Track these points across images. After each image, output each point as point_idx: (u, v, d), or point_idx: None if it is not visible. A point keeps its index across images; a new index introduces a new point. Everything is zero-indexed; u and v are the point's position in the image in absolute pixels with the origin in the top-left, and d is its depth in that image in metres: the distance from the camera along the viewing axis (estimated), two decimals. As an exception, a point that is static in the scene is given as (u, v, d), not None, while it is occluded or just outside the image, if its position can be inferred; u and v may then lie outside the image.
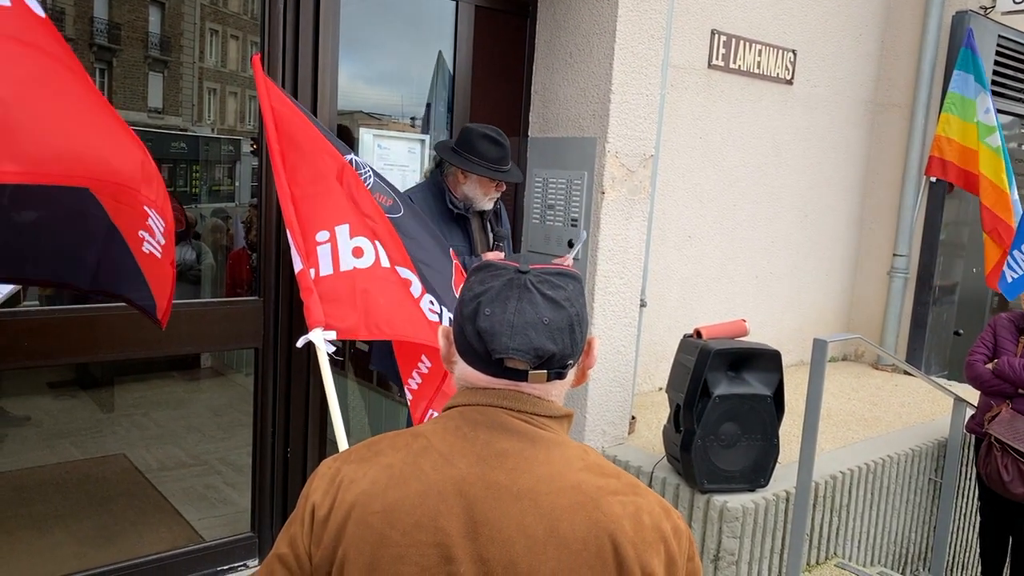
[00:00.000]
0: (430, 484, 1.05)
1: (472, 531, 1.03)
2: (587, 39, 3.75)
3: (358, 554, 1.04)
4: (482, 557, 1.02)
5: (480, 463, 1.06)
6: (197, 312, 3.12)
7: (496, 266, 1.12)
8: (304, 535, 1.09)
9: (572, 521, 1.03)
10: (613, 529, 1.04)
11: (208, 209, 7.09)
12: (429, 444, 1.09)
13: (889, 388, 5.62)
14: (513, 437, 1.08)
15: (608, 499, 1.06)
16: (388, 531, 1.03)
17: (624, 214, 3.82)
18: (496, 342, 1.06)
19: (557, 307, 1.08)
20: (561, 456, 1.09)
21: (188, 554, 3.15)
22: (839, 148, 5.91)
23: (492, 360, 1.08)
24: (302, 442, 3.30)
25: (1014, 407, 3.99)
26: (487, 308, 1.07)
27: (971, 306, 6.54)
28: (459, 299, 1.14)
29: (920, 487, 4.45)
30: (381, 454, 1.10)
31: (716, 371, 3.40)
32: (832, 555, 3.91)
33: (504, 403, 1.10)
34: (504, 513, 1.03)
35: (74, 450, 4.41)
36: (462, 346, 1.12)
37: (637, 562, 1.04)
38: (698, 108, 4.88)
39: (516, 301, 1.07)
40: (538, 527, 1.03)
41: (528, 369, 1.08)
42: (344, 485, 1.08)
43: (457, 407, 1.13)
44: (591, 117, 3.76)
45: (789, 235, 5.68)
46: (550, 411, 1.12)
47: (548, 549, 1.02)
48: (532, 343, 1.06)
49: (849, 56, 5.80)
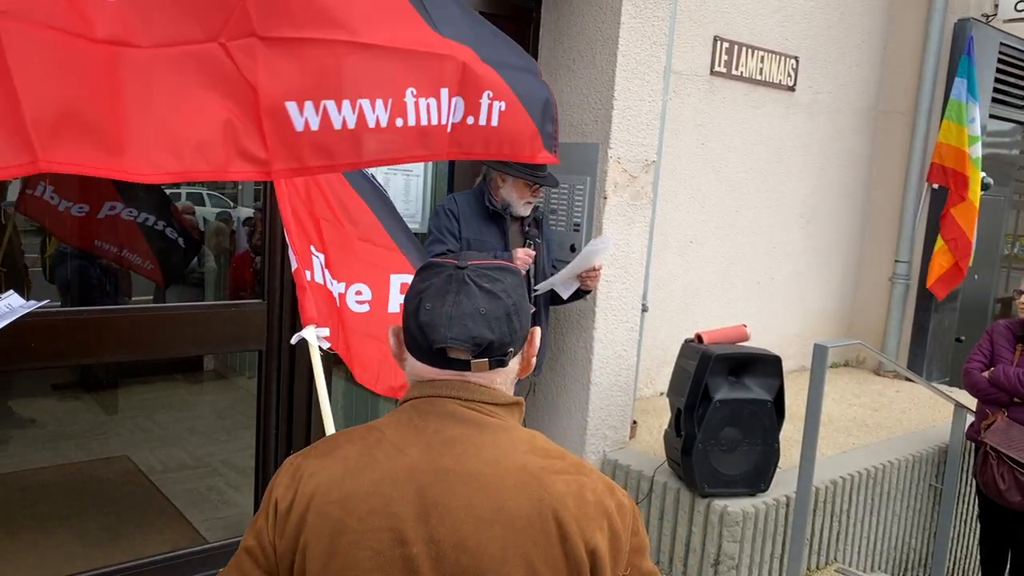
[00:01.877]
0: (383, 473, 1.11)
1: (423, 514, 1.08)
2: (590, 46, 3.77)
3: (317, 542, 1.09)
4: (433, 538, 1.08)
5: (429, 450, 1.12)
6: (201, 315, 3.14)
7: (437, 264, 1.19)
8: (268, 528, 1.14)
9: (517, 500, 1.09)
10: (556, 506, 1.10)
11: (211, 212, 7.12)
12: (383, 436, 1.15)
13: (890, 394, 5.62)
14: (461, 425, 1.14)
15: (552, 478, 1.12)
16: (345, 518, 1.09)
17: (626, 219, 3.84)
18: (436, 333, 1.13)
19: (494, 298, 1.15)
20: (507, 440, 1.15)
21: (191, 555, 3.17)
22: (841, 154, 5.93)
23: (434, 351, 1.14)
24: (305, 445, 3.31)
25: (1010, 415, 3.99)
26: (427, 303, 1.14)
27: (973, 312, 6.55)
28: (405, 299, 1.20)
29: (921, 493, 4.46)
30: (339, 447, 1.16)
31: (717, 376, 3.41)
32: (832, 560, 3.92)
33: (452, 393, 1.16)
34: (453, 496, 1.09)
35: (78, 451, 4.43)
36: (409, 342, 1.19)
37: (580, 536, 1.09)
38: (700, 114, 4.91)
39: (454, 295, 1.14)
40: (485, 507, 1.09)
41: (469, 358, 1.14)
42: (304, 478, 1.13)
43: (409, 400, 1.19)
44: (594, 123, 3.78)
45: (790, 241, 5.70)
46: (496, 399, 1.18)
47: (495, 527, 1.08)
48: (469, 332, 1.13)
49: (851, 63, 5.82)
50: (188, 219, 5.50)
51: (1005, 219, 7.07)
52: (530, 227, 3.43)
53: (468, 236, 3.30)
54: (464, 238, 3.30)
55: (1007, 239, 7.41)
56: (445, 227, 3.30)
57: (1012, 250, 7.68)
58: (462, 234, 3.29)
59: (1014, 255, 7.70)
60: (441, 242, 3.29)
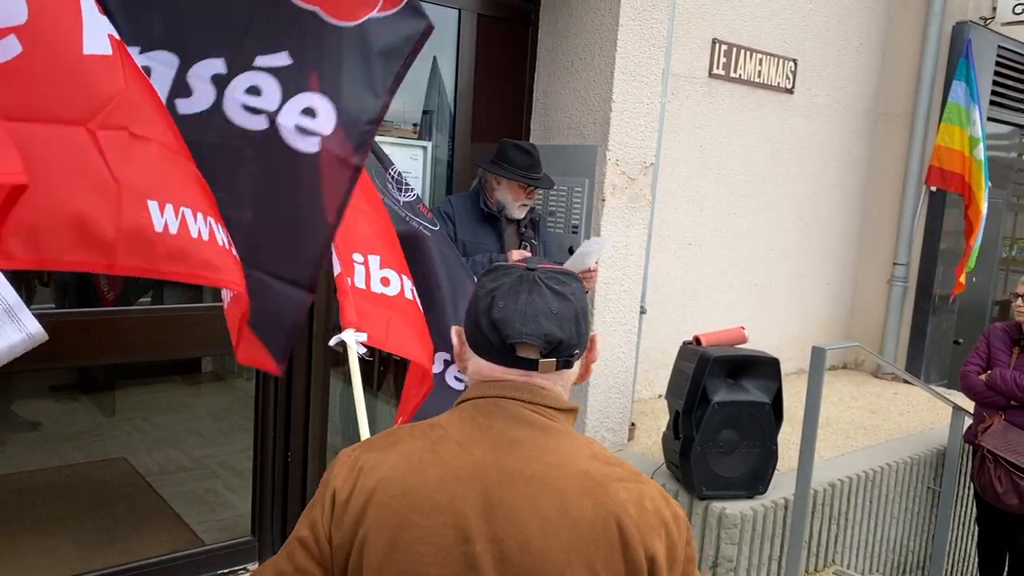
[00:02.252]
0: (448, 469, 1.12)
1: (488, 513, 1.09)
2: (589, 48, 3.77)
3: (378, 536, 1.09)
4: (497, 537, 1.08)
5: (495, 450, 1.13)
6: (199, 316, 3.14)
7: (507, 266, 1.22)
8: (324, 518, 1.14)
9: (581, 504, 1.10)
10: (619, 512, 1.11)
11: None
12: (446, 433, 1.16)
13: (888, 396, 5.63)
14: (525, 426, 1.16)
15: (614, 485, 1.14)
16: (408, 513, 1.09)
17: (624, 221, 3.84)
18: (510, 328, 1.15)
19: (564, 299, 1.18)
20: (569, 445, 1.17)
21: (188, 557, 3.16)
22: (839, 157, 5.94)
23: (506, 348, 1.16)
24: (302, 447, 3.32)
25: (1007, 418, 3.99)
26: (500, 301, 1.16)
27: (971, 315, 6.55)
28: (472, 298, 1.22)
29: (919, 495, 4.46)
30: (400, 442, 1.17)
31: (715, 378, 3.41)
32: (830, 563, 3.91)
33: (516, 395, 1.17)
34: (518, 496, 1.10)
35: (75, 453, 4.42)
36: (475, 340, 1.20)
37: (641, 544, 1.10)
38: (699, 117, 4.91)
39: (527, 294, 1.16)
40: (550, 509, 1.09)
41: (538, 358, 1.16)
42: (365, 471, 1.14)
43: (471, 400, 1.20)
44: (592, 125, 3.79)
45: (789, 243, 5.70)
46: (558, 403, 1.19)
47: (559, 529, 1.09)
48: (542, 329, 1.15)
49: (850, 65, 5.83)
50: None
51: (1003, 222, 7.08)
52: (526, 229, 3.43)
53: (463, 238, 3.31)
54: (459, 240, 3.30)
55: (1005, 242, 7.41)
56: None
57: (1010, 253, 7.68)
58: (457, 236, 3.30)
59: (1012, 258, 7.71)
60: None
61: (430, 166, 3.89)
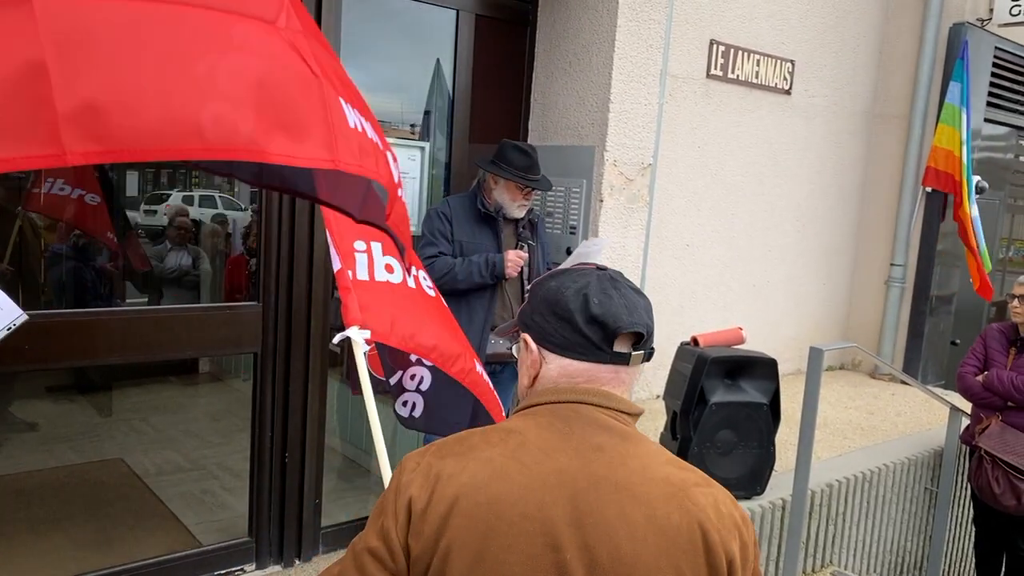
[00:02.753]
0: (533, 477, 1.10)
1: (577, 520, 1.08)
2: (586, 48, 3.77)
3: (464, 545, 1.07)
4: (587, 544, 1.08)
5: (579, 457, 1.13)
6: (196, 317, 3.13)
7: (577, 269, 1.26)
8: (399, 528, 1.11)
9: (667, 510, 1.11)
10: (701, 517, 1.12)
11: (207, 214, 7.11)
12: (525, 440, 1.15)
13: (886, 397, 5.63)
14: (606, 433, 1.16)
15: (693, 490, 1.15)
16: (495, 521, 1.07)
17: (622, 222, 3.84)
18: (619, 320, 1.17)
19: (641, 295, 1.24)
20: (647, 451, 1.18)
21: (185, 558, 3.15)
22: (836, 158, 5.94)
23: (606, 343, 1.18)
24: (300, 448, 3.31)
25: (1004, 419, 3.99)
26: (595, 298, 1.18)
27: (968, 316, 6.56)
28: (551, 301, 1.21)
29: (916, 496, 4.46)
30: (476, 448, 1.15)
31: (713, 379, 3.41)
32: (828, 563, 3.91)
33: (593, 400, 1.18)
34: (606, 503, 1.10)
35: (72, 454, 4.41)
36: (563, 341, 1.19)
37: (722, 547, 1.12)
38: (696, 117, 4.91)
39: (614, 290, 1.21)
40: (637, 516, 1.10)
41: (630, 351, 1.20)
42: (443, 479, 1.11)
43: (546, 404, 1.19)
44: (590, 125, 3.78)
45: (786, 244, 5.71)
46: (631, 408, 1.22)
47: (648, 536, 1.09)
48: (644, 319, 1.21)
49: (847, 67, 5.84)
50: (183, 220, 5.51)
51: (1000, 223, 7.09)
52: (524, 229, 3.43)
53: (461, 239, 3.31)
54: (457, 240, 3.30)
55: (1002, 243, 7.43)
56: (437, 230, 3.31)
57: (1007, 254, 7.70)
58: (455, 236, 3.31)
59: (1009, 259, 7.73)
60: (433, 244, 3.30)
61: (428, 167, 3.89)
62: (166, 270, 5.30)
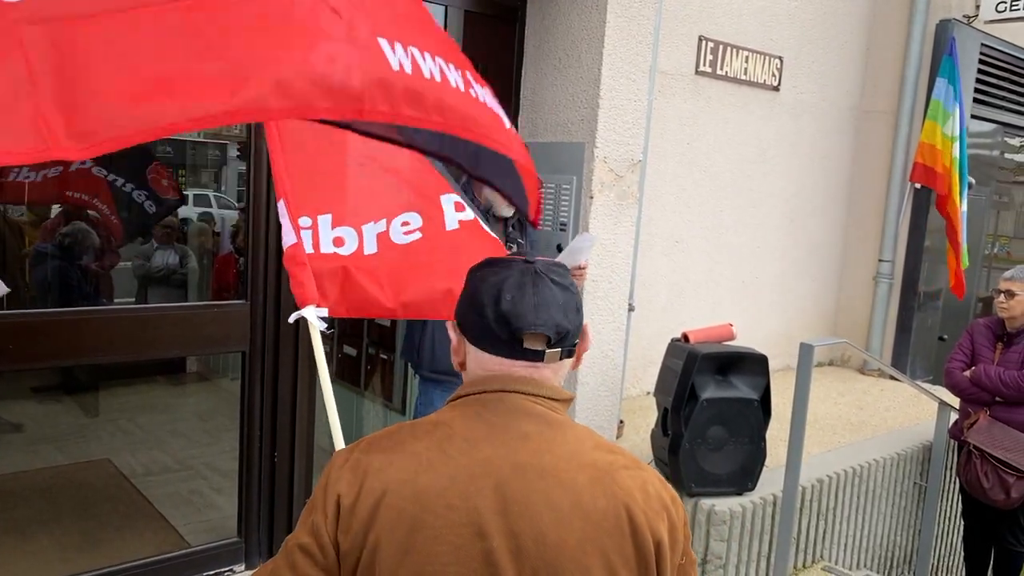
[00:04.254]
0: (459, 468, 1.12)
1: (503, 508, 1.10)
2: (576, 45, 3.76)
3: (391, 539, 1.09)
4: (513, 532, 1.10)
5: (505, 446, 1.14)
6: (183, 316, 3.10)
7: (503, 260, 1.24)
8: (328, 524, 1.12)
9: (592, 494, 1.13)
10: (627, 500, 1.14)
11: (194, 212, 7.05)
12: (452, 431, 1.16)
13: (875, 393, 5.65)
14: (532, 420, 1.17)
15: (620, 473, 1.17)
16: (421, 514, 1.09)
17: (612, 219, 3.83)
18: (522, 320, 1.16)
19: (566, 291, 1.20)
20: (574, 436, 1.19)
21: (174, 559, 3.13)
22: (825, 154, 5.96)
23: (514, 340, 1.17)
24: (289, 447, 3.29)
25: (992, 414, 4.01)
26: (508, 294, 1.17)
27: (955, 311, 6.59)
28: (471, 292, 1.22)
29: (905, 491, 4.48)
30: (404, 443, 1.16)
31: (703, 375, 3.41)
32: (819, 558, 3.92)
33: (519, 388, 1.18)
34: (531, 490, 1.12)
35: (59, 455, 4.38)
36: (478, 334, 1.20)
37: (648, 529, 1.14)
38: (685, 114, 4.91)
39: (532, 286, 1.18)
40: (563, 501, 1.12)
41: (544, 348, 1.18)
42: (370, 473, 1.13)
43: (474, 394, 1.20)
44: (580, 122, 3.77)
45: (775, 240, 5.72)
46: (559, 395, 1.22)
47: (574, 521, 1.11)
48: (553, 319, 1.17)
49: (835, 63, 5.85)
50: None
51: (986, 219, 7.13)
52: (513, 229, 3.41)
53: None
54: None
55: (988, 239, 7.47)
56: None
57: (993, 250, 7.75)
58: None
59: (995, 255, 7.78)
60: None
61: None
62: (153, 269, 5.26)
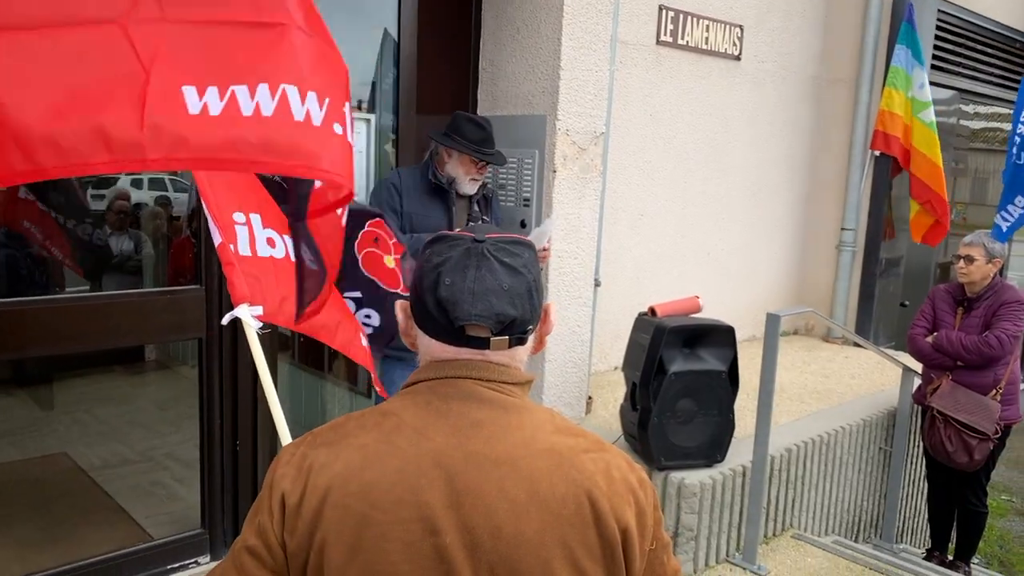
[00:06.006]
0: (407, 460, 1.05)
1: (455, 501, 1.04)
2: (534, 14, 3.68)
3: (338, 537, 1.03)
4: (467, 525, 1.03)
5: (456, 435, 1.07)
6: (135, 303, 3.00)
7: (452, 237, 1.13)
8: (275, 524, 1.07)
9: (551, 482, 1.06)
10: (589, 486, 1.08)
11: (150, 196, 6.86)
12: (401, 421, 1.09)
13: (840, 360, 5.71)
14: (485, 407, 1.10)
15: (581, 457, 1.10)
16: (368, 511, 1.03)
17: (576, 193, 3.78)
18: (458, 309, 1.07)
19: (515, 273, 1.10)
20: (531, 421, 1.12)
21: (136, 553, 3.04)
22: (787, 124, 5.95)
23: (455, 329, 1.09)
24: (251, 435, 3.21)
25: (954, 379, 4.06)
26: (447, 278, 1.08)
27: (916, 277, 6.69)
28: (417, 271, 1.14)
29: (871, 456, 4.53)
30: (350, 435, 1.10)
31: (671, 348, 3.39)
32: (789, 526, 3.96)
33: (472, 373, 1.11)
34: (485, 480, 1.05)
35: (12, 450, 4.25)
36: (422, 319, 1.13)
37: (613, 515, 1.08)
38: (648, 85, 4.86)
39: (475, 269, 1.08)
40: (519, 491, 1.05)
41: (489, 336, 1.10)
42: (315, 470, 1.07)
43: (424, 381, 1.13)
44: (541, 94, 3.70)
45: (740, 211, 5.72)
46: (515, 378, 1.14)
47: (531, 511, 1.05)
48: (494, 308, 1.08)
49: (795, 31, 5.83)
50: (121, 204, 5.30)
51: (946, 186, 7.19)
52: (476, 206, 3.36)
53: (411, 211, 3.23)
54: (407, 213, 3.22)
55: (947, 205, 7.55)
56: (386, 202, 3.22)
57: (952, 216, 7.84)
58: (404, 208, 3.22)
59: (953, 221, 7.87)
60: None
61: (375, 139, 3.77)
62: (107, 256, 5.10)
